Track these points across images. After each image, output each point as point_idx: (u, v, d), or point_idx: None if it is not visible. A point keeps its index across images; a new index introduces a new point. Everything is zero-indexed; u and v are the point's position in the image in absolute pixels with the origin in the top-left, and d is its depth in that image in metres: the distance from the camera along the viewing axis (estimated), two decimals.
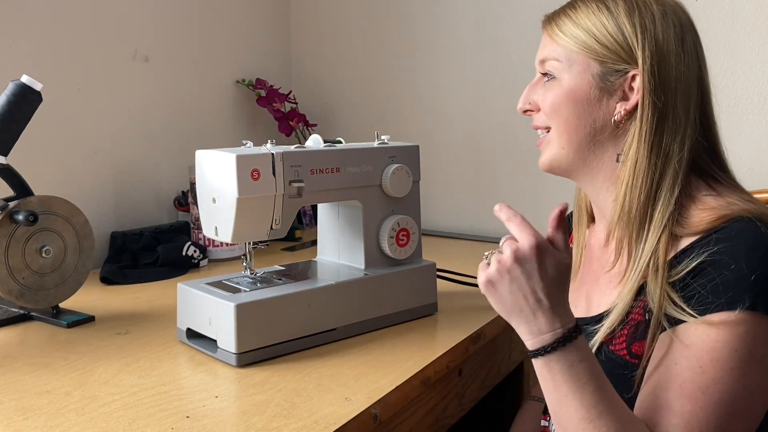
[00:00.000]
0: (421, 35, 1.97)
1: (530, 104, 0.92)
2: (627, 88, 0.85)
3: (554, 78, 0.88)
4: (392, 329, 1.14)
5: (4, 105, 1.12)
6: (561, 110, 0.87)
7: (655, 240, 0.81)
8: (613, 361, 0.82)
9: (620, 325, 0.82)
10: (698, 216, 0.80)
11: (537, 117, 0.92)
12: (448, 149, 1.95)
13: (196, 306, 1.05)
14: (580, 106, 0.87)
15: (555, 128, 0.89)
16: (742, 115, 1.55)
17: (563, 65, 0.87)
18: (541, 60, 0.90)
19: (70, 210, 1.22)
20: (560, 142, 0.89)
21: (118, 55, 1.69)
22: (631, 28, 0.84)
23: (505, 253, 0.76)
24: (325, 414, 0.83)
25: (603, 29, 0.85)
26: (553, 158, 0.90)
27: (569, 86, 0.87)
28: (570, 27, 0.87)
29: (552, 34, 0.89)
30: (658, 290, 0.78)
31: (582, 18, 0.87)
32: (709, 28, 1.56)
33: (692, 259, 0.77)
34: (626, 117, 0.85)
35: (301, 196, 1.07)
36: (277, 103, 1.97)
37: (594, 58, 0.86)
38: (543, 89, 0.90)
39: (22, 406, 0.86)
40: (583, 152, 0.88)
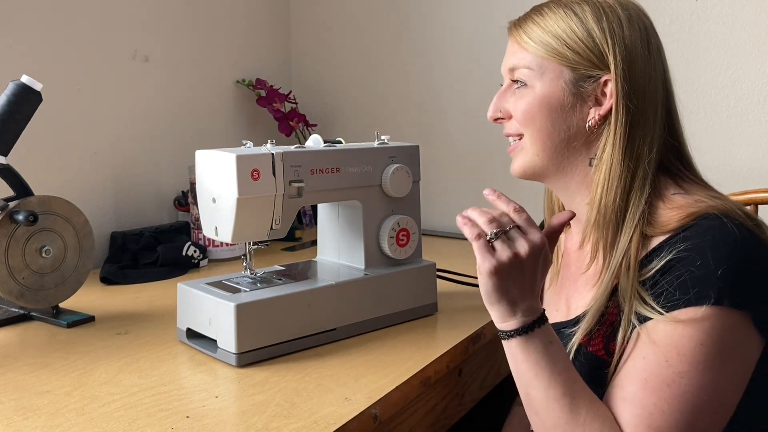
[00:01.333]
0: (421, 35, 1.97)
1: (501, 112, 0.92)
2: (599, 93, 0.86)
3: (525, 85, 0.88)
4: (392, 329, 1.14)
5: (4, 105, 1.12)
6: (535, 118, 0.87)
7: (627, 240, 0.82)
8: (591, 361, 0.83)
9: (596, 325, 0.84)
10: (667, 215, 0.82)
11: (509, 125, 0.91)
12: (448, 149, 1.95)
13: (196, 306, 1.05)
14: (554, 113, 0.87)
15: (529, 136, 0.88)
16: (742, 115, 1.55)
17: (534, 72, 0.87)
18: (511, 68, 0.90)
19: (70, 210, 1.22)
20: (534, 149, 0.89)
21: (118, 55, 1.69)
22: (601, 33, 0.85)
23: (521, 247, 0.78)
24: (325, 414, 0.83)
25: (573, 35, 0.85)
26: (526, 165, 0.90)
27: (542, 93, 0.87)
28: (539, 33, 0.87)
29: (520, 41, 0.88)
30: (628, 289, 0.80)
31: (550, 24, 0.86)
32: (709, 28, 1.56)
33: (661, 257, 0.78)
34: (599, 122, 0.86)
35: (301, 196, 1.07)
36: (277, 103, 1.97)
37: (566, 65, 0.86)
38: (514, 97, 0.89)
39: (22, 406, 0.86)
40: (557, 158, 0.89)
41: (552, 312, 0.96)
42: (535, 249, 0.79)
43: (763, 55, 1.51)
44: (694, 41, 1.57)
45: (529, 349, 0.78)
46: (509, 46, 0.91)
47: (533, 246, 0.78)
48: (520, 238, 0.79)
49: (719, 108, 1.57)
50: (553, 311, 0.96)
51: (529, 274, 0.79)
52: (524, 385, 0.80)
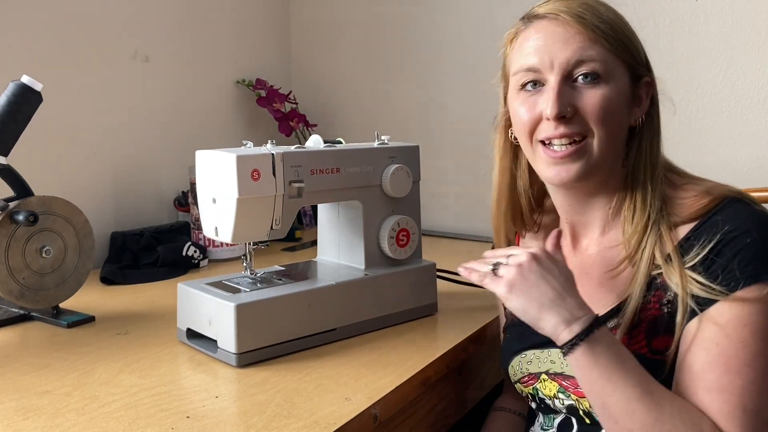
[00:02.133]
0: (421, 35, 1.97)
1: (569, 109, 0.83)
2: (639, 93, 0.87)
3: (599, 80, 0.83)
4: (392, 329, 1.14)
5: (4, 105, 1.12)
6: (612, 114, 0.83)
7: (656, 233, 0.83)
8: (638, 360, 0.80)
9: (636, 323, 0.82)
10: (688, 203, 0.83)
11: (573, 123, 0.84)
12: (448, 149, 1.95)
13: (196, 306, 1.05)
14: (622, 112, 0.86)
15: (600, 135, 0.84)
16: (742, 115, 1.55)
17: (609, 68, 0.83)
18: (579, 60, 0.83)
19: (70, 210, 1.22)
20: (603, 150, 0.84)
21: (118, 55, 1.69)
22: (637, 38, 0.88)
23: (520, 257, 0.80)
24: (325, 414, 0.83)
25: (631, 35, 0.86)
26: (591, 168, 0.85)
27: (617, 90, 0.84)
28: (610, 27, 0.84)
29: (590, 33, 0.83)
30: (677, 277, 0.79)
31: (613, 20, 0.84)
32: (709, 28, 1.56)
33: (705, 242, 0.79)
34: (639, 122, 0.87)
35: (301, 196, 1.07)
36: (277, 103, 1.97)
37: (627, 63, 0.85)
38: (581, 92, 0.83)
39: (22, 406, 0.86)
40: (613, 160, 0.87)
41: None
42: (533, 254, 0.80)
43: (763, 55, 1.51)
44: (694, 41, 1.57)
45: (597, 354, 0.75)
46: (565, 36, 0.83)
47: (531, 253, 0.80)
48: (522, 253, 0.81)
49: (719, 108, 1.57)
50: None
51: (548, 277, 0.79)
52: (598, 395, 0.76)
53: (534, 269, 0.79)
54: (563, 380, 0.89)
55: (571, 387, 0.88)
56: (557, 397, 0.90)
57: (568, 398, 0.88)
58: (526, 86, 0.87)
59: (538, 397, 0.94)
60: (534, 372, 0.93)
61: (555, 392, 0.90)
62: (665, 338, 0.80)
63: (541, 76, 0.85)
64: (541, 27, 0.86)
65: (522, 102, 0.88)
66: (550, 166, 0.86)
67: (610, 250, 0.90)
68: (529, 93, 0.87)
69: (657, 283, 0.82)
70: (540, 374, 0.92)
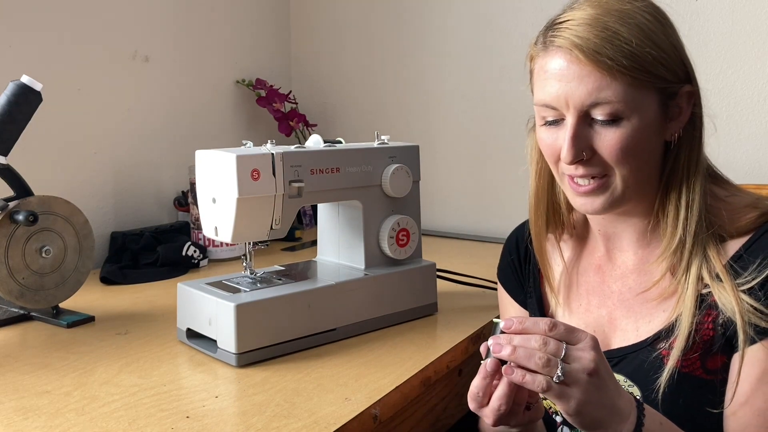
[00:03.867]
0: (421, 35, 1.97)
1: (585, 153, 0.79)
2: (676, 106, 0.81)
3: (618, 121, 0.77)
4: (392, 329, 1.14)
5: (4, 105, 1.12)
6: (635, 153, 0.79)
7: (702, 249, 0.79)
8: (688, 382, 0.80)
9: (691, 345, 0.79)
10: (735, 217, 0.80)
11: (591, 165, 0.80)
12: (448, 149, 1.95)
13: (196, 306, 1.05)
14: (650, 141, 0.80)
15: (623, 172, 0.80)
16: (742, 115, 1.55)
17: (630, 104, 0.77)
18: (593, 103, 0.77)
19: (70, 210, 1.22)
20: (627, 184, 0.81)
21: (118, 55, 1.69)
22: (677, 42, 0.81)
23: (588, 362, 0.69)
24: (325, 414, 0.83)
25: (661, 52, 0.77)
26: (616, 200, 0.82)
27: (640, 126, 0.78)
28: (630, 58, 0.75)
29: (605, 68, 0.75)
30: (732, 300, 0.76)
31: (634, 41, 0.76)
32: (709, 28, 1.56)
33: (761, 264, 0.76)
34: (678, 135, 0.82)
35: (301, 196, 1.07)
36: (277, 103, 1.97)
37: (657, 86, 0.78)
38: (599, 133, 0.79)
39: (22, 406, 0.86)
40: (643, 186, 0.83)
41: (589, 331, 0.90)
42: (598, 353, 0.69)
43: (763, 55, 1.51)
44: (694, 41, 1.57)
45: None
46: (579, 74, 0.77)
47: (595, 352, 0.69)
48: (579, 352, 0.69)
49: (719, 108, 1.57)
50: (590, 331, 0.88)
51: (609, 378, 0.70)
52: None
53: (603, 374, 0.69)
54: None
55: None
56: None
57: None
58: (547, 119, 0.83)
59: None
60: None
61: None
62: (720, 358, 0.78)
63: (559, 114, 0.81)
64: (556, 60, 0.79)
65: (545, 132, 0.84)
66: (576, 197, 0.84)
67: (651, 265, 0.86)
68: (550, 126, 0.83)
69: (707, 302, 0.79)
70: None
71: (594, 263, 0.93)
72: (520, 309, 1.03)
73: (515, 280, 1.03)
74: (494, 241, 1.78)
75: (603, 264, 0.92)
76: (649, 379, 0.81)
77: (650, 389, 0.81)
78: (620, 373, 0.85)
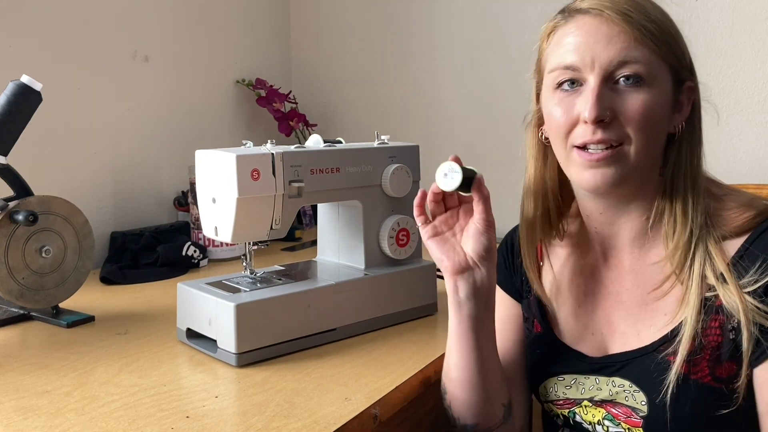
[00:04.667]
0: (421, 35, 1.97)
1: (609, 113, 0.78)
2: (681, 99, 0.82)
3: (641, 83, 0.78)
4: (392, 329, 1.14)
5: (4, 105, 1.12)
6: (653, 120, 0.78)
7: (704, 250, 0.79)
8: (699, 390, 0.78)
9: (697, 350, 0.78)
10: (731, 216, 0.80)
11: (611, 128, 0.78)
12: (448, 149, 1.94)
13: (196, 306, 1.05)
14: (662, 119, 0.80)
15: (641, 141, 0.78)
16: (742, 115, 1.55)
17: (653, 71, 0.78)
18: (622, 60, 0.77)
19: (70, 210, 1.22)
20: (639, 158, 0.79)
21: (118, 55, 1.69)
22: (683, 38, 0.82)
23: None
24: (325, 414, 0.83)
25: (678, 37, 0.80)
26: (626, 174, 0.80)
27: (660, 95, 0.78)
28: (654, 30, 0.78)
29: (636, 32, 0.77)
30: (737, 300, 0.75)
31: (660, 21, 0.79)
32: (709, 28, 1.56)
33: (763, 265, 0.76)
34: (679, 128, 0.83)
35: (301, 196, 1.07)
36: (277, 103, 1.97)
37: (671, 67, 0.80)
38: (622, 96, 0.78)
39: (22, 406, 0.86)
40: (649, 167, 0.82)
41: (587, 336, 0.90)
42: None
43: (763, 55, 1.51)
44: (694, 41, 1.55)
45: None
46: (608, 35, 0.78)
47: None
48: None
49: (719, 108, 1.56)
50: (589, 334, 0.89)
51: None
52: None
53: None
54: (612, 407, 0.85)
55: (622, 416, 0.84)
56: (601, 424, 0.86)
57: (616, 426, 0.85)
58: (563, 85, 0.81)
59: (573, 420, 0.90)
60: (574, 398, 0.89)
61: (600, 419, 0.86)
62: (729, 365, 0.77)
63: (579, 76, 0.79)
64: (583, 23, 0.79)
65: (558, 102, 0.82)
66: (585, 169, 0.80)
67: (651, 266, 0.85)
68: (566, 93, 0.81)
69: (713, 305, 0.78)
70: (581, 400, 0.88)
71: (589, 264, 0.92)
72: (507, 298, 1.00)
73: (506, 271, 1.01)
74: None
75: (598, 265, 0.91)
76: (654, 385, 0.80)
77: (656, 395, 0.80)
78: (625, 378, 0.84)
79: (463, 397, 0.90)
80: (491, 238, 0.84)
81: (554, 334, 0.92)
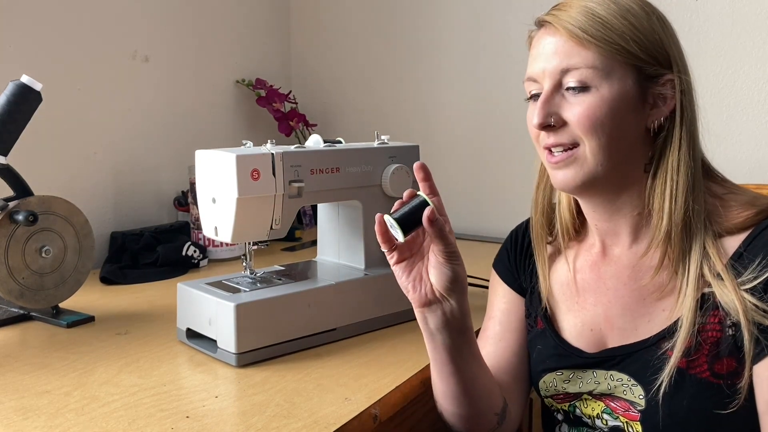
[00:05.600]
0: (422, 35, 1.97)
1: (553, 119, 0.81)
2: (658, 93, 0.82)
3: (586, 88, 0.80)
4: (392, 329, 1.14)
5: (4, 105, 1.12)
6: (602, 124, 0.80)
7: (701, 246, 0.79)
8: (697, 386, 0.79)
9: (695, 346, 0.79)
10: (732, 214, 0.81)
11: (560, 133, 0.82)
12: (448, 149, 1.95)
13: (196, 306, 1.05)
14: (622, 118, 0.80)
15: (592, 144, 0.80)
16: (743, 115, 1.55)
17: (600, 73, 0.79)
18: (565, 69, 0.80)
19: (70, 210, 1.22)
20: (597, 159, 0.81)
21: (118, 55, 1.69)
22: (661, 30, 0.82)
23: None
24: (325, 414, 0.83)
25: (637, 32, 0.80)
26: (587, 177, 0.82)
27: (610, 96, 0.79)
28: (600, 29, 0.79)
29: (576, 38, 0.80)
30: (734, 299, 0.76)
31: (610, 19, 0.80)
32: (709, 28, 1.56)
33: (763, 262, 0.76)
34: (662, 123, 0.82)
35: (301, 196, 1.07)
36: (277, 103, 1.97)
37: (632, 64, 0.80)
38: (569, 101, 0.81)
39: (22, 406, 0.86)
40: (618, 167, 0.82)
41: (586, 332, 0.90)
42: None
43: (763, 55, 1.51)
44: (694, 41, 1.57)
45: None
46: (555, 45, 0.82)
47: None
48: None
49: (719, 108, 1.57)
50: (588, 330, 0.90)
51: None
52: None
53: None
54: (611, 401, 0.86)
55: (620, 409, 0.85)
56: (600, 418, 0.87)
57: (615, 420, 0.86)
58: (532, 95, 0.86)
59: (574, 414, 0.91)
60: (574, 392, 0.90)
61: (599, 412, 0.87)
62: (729, 361, 0.78)
63: (538, 86, 0.84)
64: (540, 35, 0.85)
65: (529, 110, 0.86)
66: (552, 170, 0.85)
67: (646, 259, 0.86)
68: (533, 101, 0.86)
69: (711, 302, 0.79)
70: (581, 394, 0.89)
71: (590, 260, 0.93)
72: (509, 292, 1.00)
73: (510, 266, 1.01)
74: (494, 241, 1.77)
75: (598, 260, 0.92)
76: (651, 379, 0.81)
77: (654, 389, 0.80)
78: (623, 372, 0.84)
79: (450, 410, 0.90)
80: (455, 268, 0.81)
81: (555, 330, 0.93)
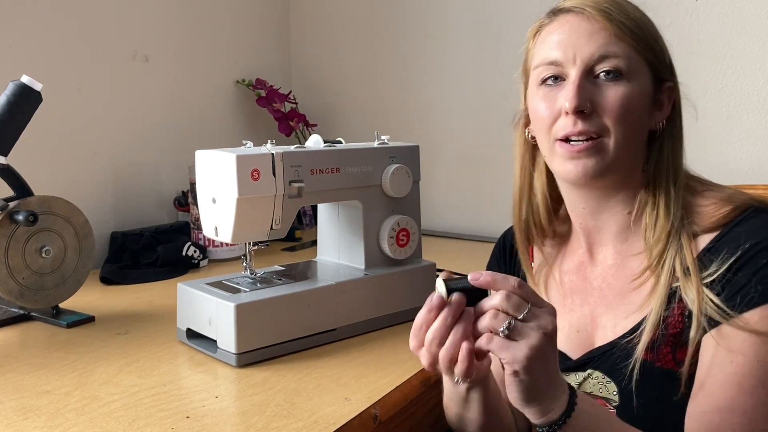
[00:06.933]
0: (421, 35, 1.97)
1: (589, 104, 0.80)
2: (660, 98, 0.84)
3: (621, 77, 0.80)
4: (392, 329, 1.14)
5: (4, 105, 1.12)
6: (632, 114, 0.81)
7: (677, 243, 0.80)
8: (662, 376, 0.80)
9: (659, 337, 0.80)
10: (707, 211, 0.81)
11: (591, 120, 0.81)
12: (448, 149, 1.95)
13: (196, 306, 1.05)
14: (641, 114, 0.82)
15: (618, 134, 0.80)
16: (742, 115, 1.55)
17: (632, 66, 0.81)
18: (602, 55, 0.80)
19: (70, 210, 1.22)
20: (619, 149, 0.81)
21: (118, 55, 1.69)
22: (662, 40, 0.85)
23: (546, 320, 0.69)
24: (325, 414, 0.83)
25: (657, 37, 0.83)
26: (606, 167, 0.82)
27: (639, 89, 0.81)
28: (634, 29, 0.81)
29: (615, 29, 0.80)
30: (694, 293, 0.77)
31: (639, 19, 0.82)
32: (709, 28, 1.56)
33: (725, 257, 0.77)
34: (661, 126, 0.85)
35: (301, 196, 1.07)
36: (277, 103, 1.97)
37: (651, 65, 0.83)
38: (602, 89, 0.81)
39: (22, 406, 0.86)
40: (628, 162, 0.84)
41: (572, 335, 0.90)
42: (555, 321, 0.69)
43: (763, 55, 1.51)
44: (694, 41, 1.57)
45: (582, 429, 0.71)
46: (590, 31, 0.81)
47: (553, 319, 0.69)
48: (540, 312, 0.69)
49: (719, 108, 1.57)
50: (574, 331, 0.90)
51: (554, 353, 0.70)
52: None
53: (554, 338, 0.69)
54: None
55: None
56: None
57: None
58: (547, 81, 0.84)
59: None
60: None
61: None
62: (686, 350, 0.79)
63: (562, 71, 0.82)
64: (565, 21, 0.83)
65: (542, 97, 0.84)
66: (567, 161, 0.83)
67: (631, 258, 0.86)
68: (549, 88, 0.84)
69: (678, 295, 0.80)
70: None
71: (576, 261, 0.93)
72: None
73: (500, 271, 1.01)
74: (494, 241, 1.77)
75: (584, 261, 0.92)
76: (622, 374, 0.82)
77: (624, 383, 0.82)
78: (598, 370, 0.85)
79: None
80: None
81: None
